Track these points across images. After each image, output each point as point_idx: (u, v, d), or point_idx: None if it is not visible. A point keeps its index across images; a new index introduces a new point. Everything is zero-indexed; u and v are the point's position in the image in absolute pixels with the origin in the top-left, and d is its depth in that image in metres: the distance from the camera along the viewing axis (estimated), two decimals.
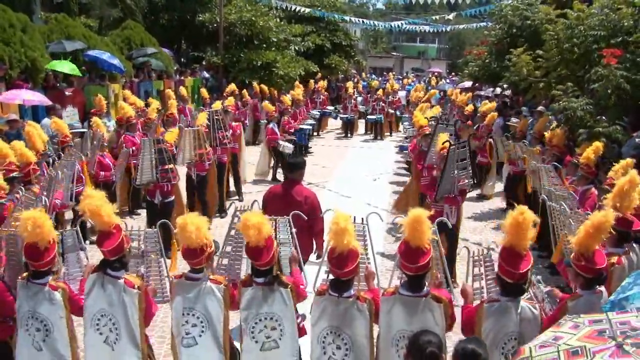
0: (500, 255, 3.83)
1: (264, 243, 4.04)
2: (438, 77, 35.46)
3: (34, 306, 4.11)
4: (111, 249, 4.06)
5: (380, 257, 8.46)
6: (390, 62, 55.84)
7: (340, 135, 21.46)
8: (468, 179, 7.31)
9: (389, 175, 14.70)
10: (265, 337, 4.13)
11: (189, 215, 4.10)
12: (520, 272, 3.72)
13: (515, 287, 3.79)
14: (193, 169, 9.28)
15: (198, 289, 4.11)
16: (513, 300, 3.80)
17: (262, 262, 4.05)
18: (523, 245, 3.77)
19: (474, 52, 19.39)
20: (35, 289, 4.12)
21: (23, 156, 7.04)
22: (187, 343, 4.13)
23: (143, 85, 16.85)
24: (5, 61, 11.50)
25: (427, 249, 3.82)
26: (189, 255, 4.09)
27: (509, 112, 15.24)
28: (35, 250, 4.06)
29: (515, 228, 3.77)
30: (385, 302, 3.95)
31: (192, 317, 4.11)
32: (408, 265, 3.81)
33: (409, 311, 3.84)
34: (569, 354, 2.13)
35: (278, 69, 21.19)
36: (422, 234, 3.81)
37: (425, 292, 3.86)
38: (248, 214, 4.12)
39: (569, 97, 8.98)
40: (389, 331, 3.91)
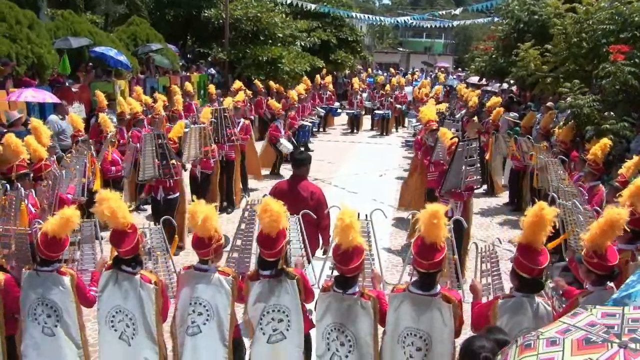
0: (519, 251, 3.80)
1: (276, 233, 4.04)
2: (445, 73, 35.32)
3: (43, 293, 4.17)
4: (128, 249, 4.12)
5: (387, 253, 8.46)
6: (397, 58, 55.66)
7: (346, 131, 21.43)
8: (477, 176, 7.27)
9: (396, 171, 14.66)
10: (272, 329, 4.13)
11: (199, 204, 4.11)
12: (540, 267, 3.72)
13: (533, 283, 3.77)
14: (198, 167, 9.27)
15: (206, 280, 4.14)
16: (528, 297, 3.78)
17: (271, 252, 4.05)
18: (540, 241, 3.76)
19: (481, 47, 19.32)
20: (44, 277, 4.19)
21: (35, 152, 7.07)
22: (192, 332, 4.15)
23: (149, 81, 16.85)
24: (12, 58, 11.51)
25: (442, 247, 3.79)
26: (197, 244, 4.13)
27: (516, 107, 15.17)
28: (53, 242, 4.15)
29: (534, 224, 3.74)
30: (394, 298, 3.94)
31: (199, 306, 4.13)
32: (421, 262, 3.78)
33: (417, 309, 3.82)
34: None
35: (284, 65, 21.14)
36: (439, 230, 3.77)
37: (436, 292, 3.84)
38: (268, 200, 4.13)
39: (575, 94, 8.92)
40: (396, 328, 3.90)
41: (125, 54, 15.38)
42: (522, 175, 10.66)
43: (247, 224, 4.98)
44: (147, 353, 4.18)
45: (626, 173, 6.62)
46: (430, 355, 3.78)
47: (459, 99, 18.03)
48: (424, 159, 9.39)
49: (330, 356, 3.99)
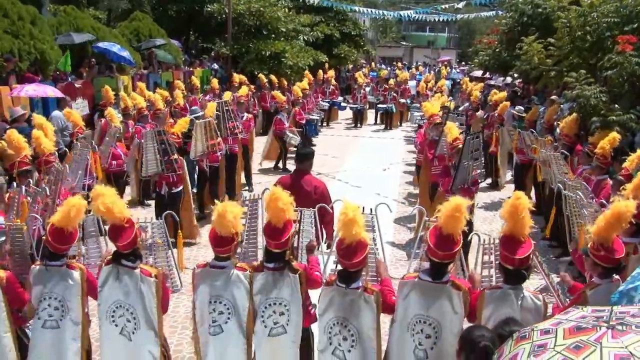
0: (501, 242, 3.86)
1: (283, 224, 4.04)
2: (447, 66, 35.21)
3: (52, 287, 4.19)
4: (126, 243, 4.12)
5: (391, 247, 8.45)
6: (400, 52, 55.50)
7: (350, 126, 21.40)
8: (480, 170, 7.27)
9: (399, 165, 14.64)
10: (273, 322, 4.14)
11: (228, 204, 4.09)
12: (519, 258, 3.71)
13: (516, 274, 3.77)
14: (205, 161, 9.27)
15: (225, 277, 4.13)
16: (515, 289, 3.79)
17: (277, 243, 4.05)
18: (521, 231, 3.78)
19: (484, 41, 19.24)
20: (53, 271, 4.21)
21: (42, 146, 7.09)
22: (214, 331, 4.15)
23: (152, 76, 16.85)
24: (15, 54, 11.51)
25: (458, 239, 3.81)
26: (219, 242, 4.10)
27: (520, 101, 15.12)
28: (61, 234, 4.16)
29: (512, 214, 3.77)
30: (403, 286, 3.94)
31: (220, 305, 4.13)
32: (436, 252, 3.79)
33: (427, 296, 3.83)
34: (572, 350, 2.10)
35: (287, 59, 21.10)
36: (459, 223, 3.79)
37: (446, 280, 3.86)
38: (276, 189, 4.13)
39: (581, 85, 8.87)
40: (405, 316, 3.90)
41: (128, 50, 15.37)
42: (527, 169, 10.63)
43: (249, 219, 4.97)
44: (149, 347, 4.19)
45: (630, 166, 6.59)
46: (440, 342, 3.78)
47: (462, 93, 17.97)
48: (427, 153, 9.37)
49: (332, 350, 3.98)
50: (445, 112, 10.80)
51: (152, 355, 4.19)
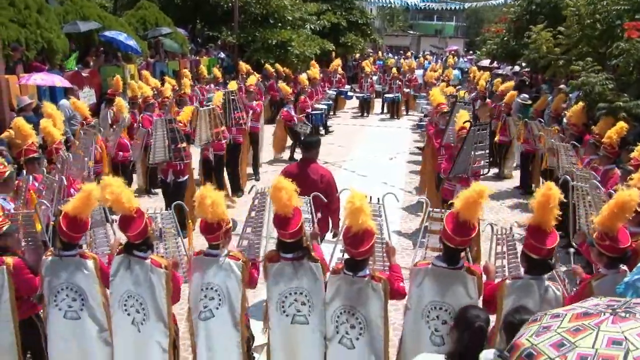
0: (528, 232, 3.82)
1: (291, 212, 4.03)
2: (455, 56, 35.00)
3: (67, 278, 4.19)
4: (136, 233, 4.11)
5: (397, 236, 8.44)
6: (407, 41, 55.23)
7: (356, 115, 21.34)
8: (484, 161, 7.21)
9: (406, 155, 14.62)
10: (296, 310, 4.13)
11: (206, 189, 4.09)
12: (548, 248, 3.71)
13: (542, 264, 3.77)
14: (210, 149, 9.27)
15: (216, 265, 4.13)
16: (537, 279, 3.78)
17: (289, 233, 4.03)
18: (549, 222, 3.76)
19: (492, 29, 19.11)
20: (67, 261, 4.21)
21: (50, 135, 7.11)
22: (204, 316, 4.15)
23: (159, 65, 16.84)
24: (22, 43, 11.52)
25: (475, 225, 3.81)
26: (206, 229, 4.11)
27: (528, 90, 15.02)
28: (75, 222, 4.16)
29: (543, 204, 3.74)
30: (417, 273, 3.95)
31: (211, 291, 4.13)
32: (454, 237, 3.79)
33: (441, 282, 3.84)
34: (571, 332, 2.14)
35: (293, 48, 21.03)
36: (477, 209, 3.79)
37: (460, 265, 3.87)
38: (279, 179, 4.12)
39: (588, 73, 8.80)
40: (420, 303, 3.91)
41: (135, 38, 15.35)
42: (532, 159, 10.58)
43: (257, 212, 4.97)
44: (158, 337, 4.19)
45: (639, 156, 6.54)
46: None
47: (469, 82, 17.88)
48: (434, 142, 9.34)
49: (339, 339, 3.99)
50: (452, 101, 10.74)
51: (160, 346, 4.19)
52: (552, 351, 2.08)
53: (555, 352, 2.07)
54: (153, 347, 4.19)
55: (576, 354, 2.03)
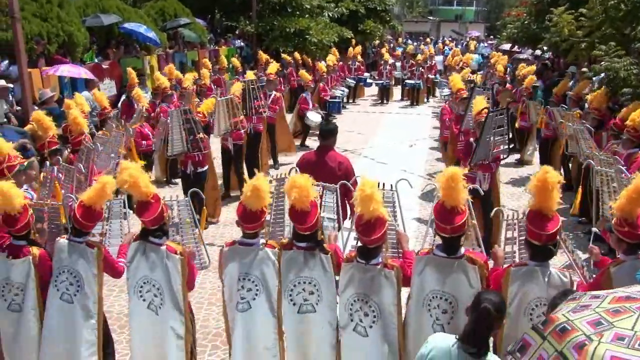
0: (528, 218, 3.77)
1: (308, 207, 4.02)
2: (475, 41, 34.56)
3: (70, 262, 4.28)
4: (152, 218, 4.15)
5: (417, 223, 8.42)
6: (427, 27, 54.70)
7: (376, 102, 21.25)
8: (504, 146, 7.13)
9: (426, 141, 14.54)
10: (303, 299, 4.14)
11: (259, 178, 4.10)
12: (547, 233, 3.64)
13: (544, 250, 3.71)
14: (229, 139, 9.31)
15: (254, 254, 4.15)
16: (541, 265, 3.72)
17: (305, 227, 4.04)
18: (549, 206, 3.69)
19: (513, 13, 18.84)
20: (74, 247, 4.30)
21: (78, 125, 7.20)
22: (242, 308, 4.17)
23: (178, 55, 16.93)
24: (44, 37, 11.67)
25: (463, 210, 3.76)
26: (248, 218, 4.10)
27: (550, 74, 14.81)
28: (89, 212, 4.24)
29: (540, 189, 3.69)
30: (418, 262, 3.93)
31: (248, 282, 4.15)
32: (443, 226, 3.76)
33: (442, 271, 3.81)
34: (610, 313, 2.11)
35: (312, 36, 20.96)
36: (458, 193, 3.73)
37: (460, 254, 3.83)
38: (295, 176, 4.13)
39: (611, 57, 8.63)
40: (421, 292, 3.89)
41: (154, 30, 15.45)
42: (552, 144, 10.44)
43: (276, 198, 4.99)
44: (173, 323, 4.23)
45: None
46: (457, 317, 3.76)
47: (489, 67, 17.68)
48: (454, 128, 9.27)
49: (353, 327, 3.98)
50: (471, 87, 10.64)
51: (174, 331, 4.24)
52: (588, 328, 2.07)
53: (592, 330, 2.05)
54: (168, 333, 4.24)
55: (613, 333, 2.00)
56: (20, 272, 4.31)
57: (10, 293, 4.34)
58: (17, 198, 4.21)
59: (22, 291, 4.33)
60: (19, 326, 4.37)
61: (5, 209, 4.20)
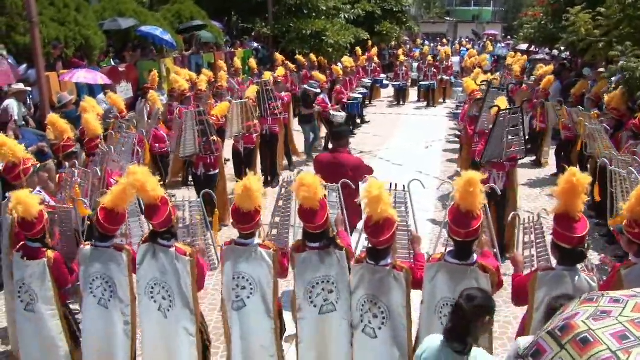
0: (555, 221, 3.70)
1: (317, 205, 4.02)
2: (493, 41, 34.32)
3: (101, 268, 4.31)
4: (160, 221, 4.18)
5: (432, 225, 8.37)
6: (444, 28, 54.42)
7: (392, 104, 21.19)
8: (520, 146, 7.05)
9: (442, 143, 14.46)
10: (323, 300, 4.14)
11: (250, 178, 4.11)
12: (579, 236, 3.58)
13: (574, 253, 3.64)
14: (241, 142, 9.34)
15: (248, 254, 4.16)
16: (570, 270, 3.64)
17: (315, 225, 4.05)
18: (577, 209, 3.64)
19: (530, 13, 18.68)
20: (101, 252, 4.33)
21: (91, 129, 7.27)
22: (237, 306, 4.20)
23: (194, 58, 17.02)
24: (61, 41, 11.81)
25: (478, 215, 3.72)
26: (242, 219, 4.12)
27: (568, 74, 14.64)
28: (112, 215, 4.27)
29: (568, 191, 3.63)
30: (429, 268, 3.90)
31: (242, 280, 4.17)
32: (457, 230, 3.73)
33: (453, 279, 3.78)
34: (636, 324, 1.99)
35: (328, 38, 20.94)
36: (475, 198, 3.69)
37: (472, 261, 3.78)
38: (302, 175, 4.13)
39: (628, 57, 8.51)
40: (432, 299, 3.87)
41: (170, 32, 15.55)
42: (572, 145, 10.31)
43: (284, 201, 5.00)
44: (185, 324, 4.26)
45: None
46: None
47: (506, 67, 17.54)
48: (468, 129, 9.21)
49: (363, 328, 3.99)
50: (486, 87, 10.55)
51: (187, 331, 4.26)
52: (613, 342, 1.94)
53: (617, 345, 1.92)
54: (180, 333, 4.26)
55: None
56: (36, 274, 4.36)
57: (26, 294, 4.40)
58: (35, 206, 4.28)
59: (36, 293, 4.38)
60: (36, 327, 4.43)
61: (24, 215, 4.26)
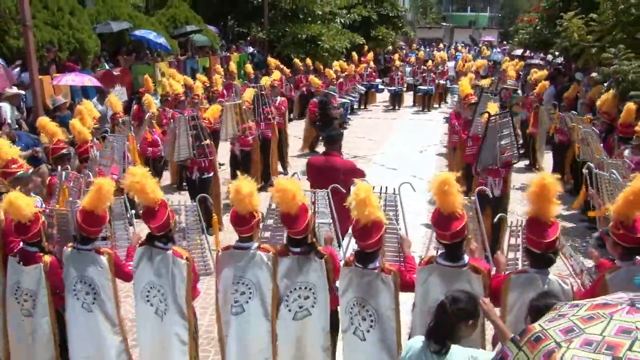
0: (526, 225, 3.73)
1: (296, 210, 4.02)
2: (488, 47, 34.43)
3: (82, 271, 4.28)
4: (158, 225, 4.16)
5: (425, 228, 8.34)
6: (440, 33, 54.50)
7: (387, 108, 21.23)
8: (513, 151, 7.05)
9: (437, 147, 14.47)
10: (298, 306, 4.14)
11: (243, 180, 4.10)
12: (547, 242, 3.59)
13: (543, 258, 3.66)
14: (237, 144, 9.33)
15: (248, 258, 4.15)
16: (541, 273, 3.67)
17: (295, 230, 4.05)
18: (548, 213, 3.64)
19: (525, 19, 18.76)
20: (83, 255, 4.29)
21: (80, 134, 7.25)
22: (235, 311, 4.17)
23: (189, 62, 17.03)
24: (55, 44, 11.81)
25: (461, 215, 3.71)
26: (239, 221, 4.11)
27: (562, 79, 14.69)
28: (91, 216, 4.23)
29: (538, 195, 3.63)
30: (421, 271, 3.89)
31: (242, 286, 4.15)
32: (442, 233, 3.73)
33: (446, 281, 3.77)
34: (583, 320, 2.12)
35: (323, 42, 21.02)
36: (452, 198, 3.69)
37: (464, 263, 3.78)
38: (280, 180, 4.12)
39: (620, 61, 8.55)
40: (425, 301, 3.85)
41: (164, 36, 15.56)
42: (566, 149, 10.33)
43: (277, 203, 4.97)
44: (177, 329, 4.24)
45: None
46: None
47: (501, 72, 17.58)
48: (462, 134, 9.22)
49: (353, 330, 3.97)
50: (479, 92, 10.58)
51: (179, 337, 4.24)
52: (559, 335, 2.09)
53: (563, 337, 2.07)
54: (173, 339, 4.24)
55: (582, 339, 2.02)
56: (32, 278, 4.34)
57: (20, 297, 4.38)
58: (27, 207, 4.22)
59: (32, 297, 4.36)
60: (31, 331, 4.41)
61: (17, 218, 4.22)
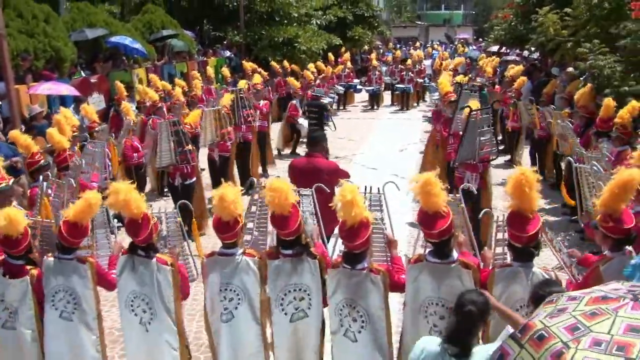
0: (507, 219, 3.76)
1: (289, 211, 4.00)
2: (464, 44, 34.73)
3: (64, 280, 4.22)
4: (141, 238, 4.13)
5: (409, 227, 8.39)
6: (415, 32, 54.82)
7: (366, 108, 21.29)
8: (492, 147, 7.11)
9: (417, 146, 14.52)
10: (294, 308, 4.11)
11: (227, 187, 4.07)
12: (527, 235, 3.62)
13: (525, 251, 3.70)
14: (216, 150, 9.29)
15: (234, 264, 4.11)
16: (524, 266, 3.71)
17: (288, 231, 4.02)
18: (528, 207, 3.66)
19: (500, 15, 18.95)
20: (64, 264, 4.24)
21: (58, 143, 7.16)
22: (225, 318, 4.14)
23: (166, 67, 16.91)
24: (30, 52, 11.64)
25: (446, 212, 3.73)
26: (223, 228, 4.06)
27: (539, 74, 14.86)
28: (75, 228, 4.18)
29: (517, 189, 3.65)
30: (411, 270, 3.90)
31: (229, 292, 4.12)
32: (429, 232, 3.75)
33: (437, 278, 3.79)
34: (587, 316, 2.08)
35: (300, 44, 21.02)
36: (436, 197, 3.70)
37: (453, 259, 3.80)
38: (272, 181, 4.10)
39: (595, 55, 8.67)
40: (416, 299, 3.86)
41: (140, 42, 15.43)
42: (545, 144, 10.45)
43: (259, 206, 4.96)
44: (167, 336, 4.20)
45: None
46: None
47: (478, 69, 17.75)
48: (443, 131, 9.28)
49: (344, 332, 3.96)
50: (458, 89, 10.66)
51: (169, 344, 4.20)
52: (565, 334, 2.04)
53: (569, 336, 2.02)
54: (163, 347, 4.20)
55: (590, 339, 1.97)
56: (18, 292, 4.27)
57: (5, 311, 4.30)
58: (21, 222, 4.17)
59: (15, 310, 4.28)
60: (15, 345, 4.33)
61: (12, 233, 4.15)
